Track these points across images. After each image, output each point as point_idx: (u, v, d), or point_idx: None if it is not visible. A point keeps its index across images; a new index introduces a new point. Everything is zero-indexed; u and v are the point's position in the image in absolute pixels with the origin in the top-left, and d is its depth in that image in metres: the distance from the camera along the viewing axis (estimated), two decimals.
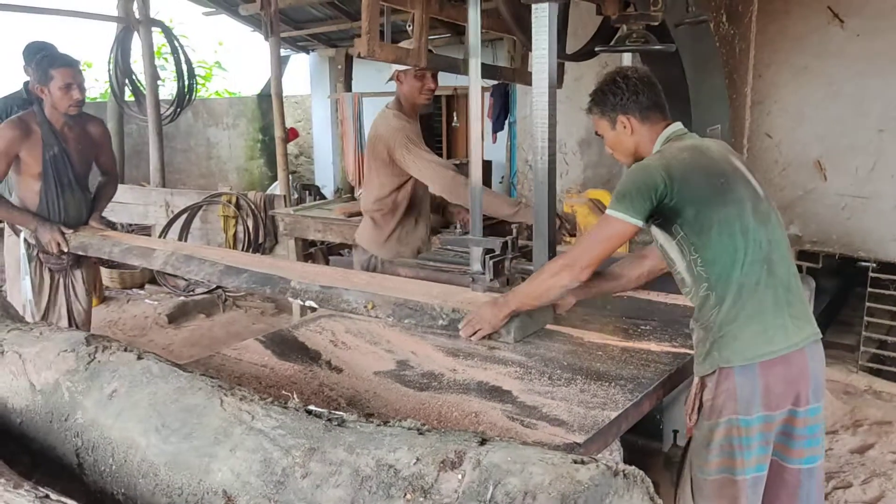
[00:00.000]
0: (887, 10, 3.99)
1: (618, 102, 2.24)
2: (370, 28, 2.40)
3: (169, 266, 3.17)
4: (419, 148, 3.33)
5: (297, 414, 1.29)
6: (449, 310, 2.45)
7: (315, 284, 2.70)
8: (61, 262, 3.64)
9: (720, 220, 2.06)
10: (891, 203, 4.15)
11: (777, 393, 2.06)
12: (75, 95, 3.43)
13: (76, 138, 3.60)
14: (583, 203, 3.17)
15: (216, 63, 14.94)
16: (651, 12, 2.79)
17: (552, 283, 2.23)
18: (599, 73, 4.87)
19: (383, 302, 2.55)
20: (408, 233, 3.53)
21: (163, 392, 1.41)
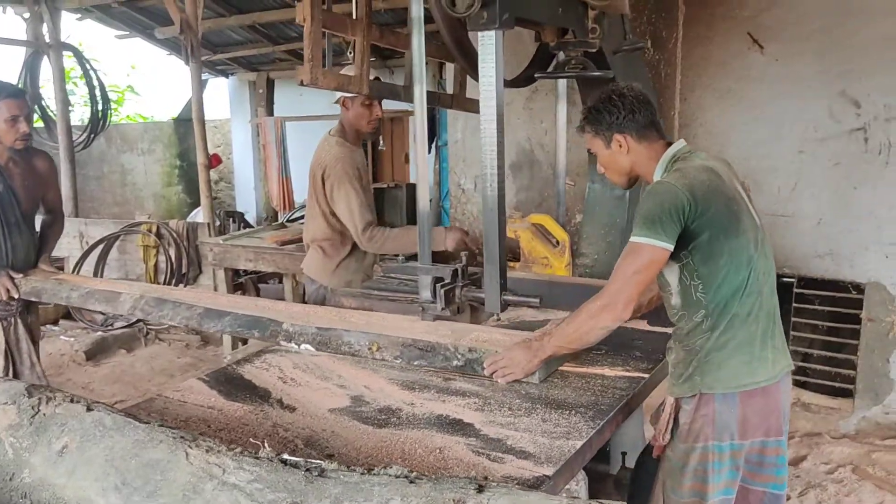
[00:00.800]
0: (804, 36, 4.18)
1: (613, 121, 2.20)
2: (313, 55, 2.34)
3: (138, 311, 2.95)
4: (350, 186, 3.29)
5: (272, 464, 1.21)
6: (465, 349, 2.31)
7: (311, 326, 2.55)
8: (10, 308, 3.36)
9: (730, 249, 2.04)
10: (812, 221, 4.33)
11: (752, 423, 2.08)
12: (22, 129, 3.21)
13: (22, 174, 3.36)
14: (526, 228, 3.17)
15: (128, 87, 14.51)
16: (589, 40, 2.83)
17: (592, 324, 2.13)
18: (529, 97, 4.99)
19: (389, 343, 2.42)
20: (357, 261, 3.48)
21: (120, 446, 1.31)
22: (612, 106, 2.20)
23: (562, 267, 3.15)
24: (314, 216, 3.47)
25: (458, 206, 5.52)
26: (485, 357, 2.27)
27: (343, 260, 3.45)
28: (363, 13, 2.65)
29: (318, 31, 2.37)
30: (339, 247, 3.43)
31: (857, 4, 4.05)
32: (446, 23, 2.64)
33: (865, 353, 4.32)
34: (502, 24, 2.26)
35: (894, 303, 4.18)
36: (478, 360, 2.28)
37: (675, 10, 4.48)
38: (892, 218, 4.12)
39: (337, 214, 3.37)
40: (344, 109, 3.39)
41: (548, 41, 2.87)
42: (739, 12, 4.37)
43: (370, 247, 3.34)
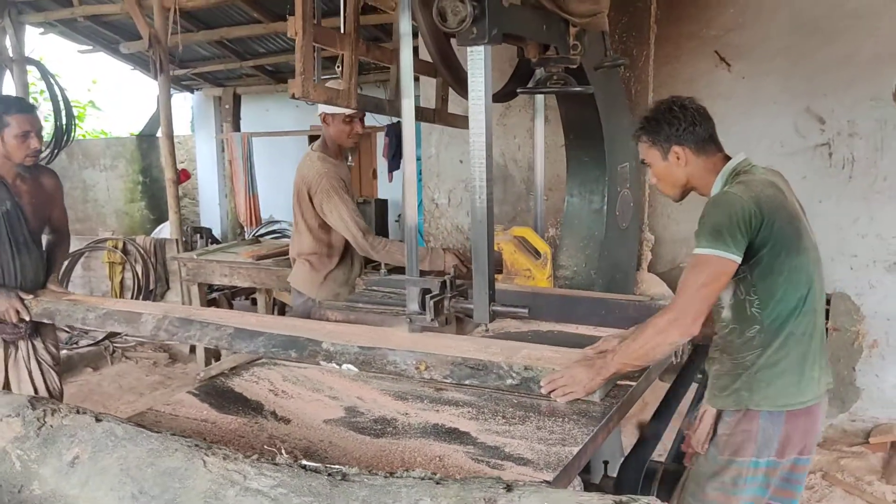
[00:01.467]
0: (770, 55, 4.32)
1: (673, 133, 2.16)
2: (304, 69, 2.36)
3: (162, 332, 2.79)
4: (339, 198, 3.35)
5: (293, 470, 1.22)
6: (520, 368, 2.22)
7: (352, 346, 2.44)
8: (18, 330, 3.20)
9: (791, 267, 2.02)
10: None
11: (793, 442, 2.07)
12: (33, 145, 3.09)
13: (30, 192, 3.23)
14: (508, 240, 3.21)
15: (90, 102, 14.32)
16: (570, 56, 2.90)
17: (660, 340, 2.04)
18: (503, 113, 5.05)
19: (438, 362, 2.33)
20: (345, 273, 3.51)
21: (134, 455, 1.30)
22: (672, 117, 2.17)
23: (544, 278, 3.19)
24: (300, 231, 3.51)
25: (432, 220, 5.55)
26: (541, 375, 2.18)
27: (330, 272, 3.50)
28: (351, 28, 2.68)
29: (310, 46, 2.39)
30: (326, 260, 3.48)
31: (820, 25, 4.20)
32: (433, 38, 2.69)
33: (832, 362, 4.43)
34: (491, 39, 2.30)
35: (859, 312, 4.31)
36: (534, 378, 2.19)
37: (646, 30, 4.60)
38: (855, 230, 4.25)
39: (330, 226, 3.44)
40: (325, 126, 3.45)
41: (530, 57, 2.92)
42: (707, 32, 4.50)
43: (372, 253, 3.38)
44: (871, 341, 4.32)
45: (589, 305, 2.92)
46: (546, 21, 2.75)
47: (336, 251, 3.47)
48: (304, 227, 3.46)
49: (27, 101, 3.18)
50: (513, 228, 3.34)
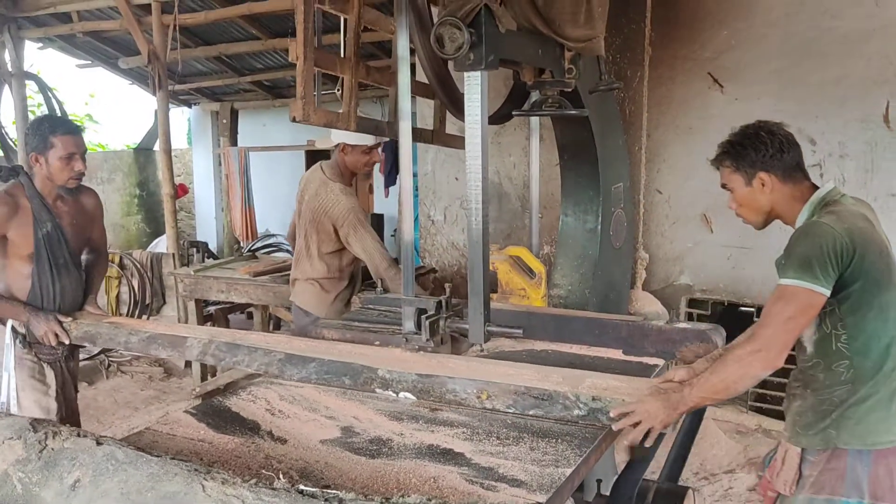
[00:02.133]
0: (762, 77, 4.37)
1: (759, 159, 2.10)
2: (305, 93, 2.40)
3: (209, 356, 2.72)
4: (365, 230, 3.51)
5: (290, 495, 1.25)
6: (587, 398, 2.14)
7: (410, 374, 2.37)
8: (55, 353, 3.13)
9: (882, 303, 1.96)
10: (771, 253, 4.42)
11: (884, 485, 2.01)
12: (77, 167, 3.02)
13: (70, 212, 3.16)
14: (503, 260, 3.25)
15: (87, 115, 14.36)
16: (566, 80, 2.94)
17: (742, 373, 1.95)
18: (498, 132, 5.10)
19: (500, 391, 2.24)
20: (350, 294, 3.60)
21: (134, 479, 1.32)
22: (759, 143, 2.11)
23: (538, 298, 3.22)
24: (311, 257, 3.62)
25: (428, 237, 5.59)
26: (610, 406, 2.09)
27: (340, 293, 3.61)
28: (351, 52, 2.72)
29: (311, 69, 2.43)
30: (337, 282, 3.65)
31: (812, 48, 4.26)
32: (430, 62, 2.72)
33: None
34: (488, 65, 2.35)
35: None
36: (602, 409, 2.12)
37: (640, 51, 4.65)
38: None
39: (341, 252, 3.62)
40: (342, 154, 3.54)
41: (526, 80, 2.96)
42: (701, 54, 4.55)
43: (392, 286, 3.45)
44: None
45: (583, 325, 2.95)
46: (542, 46, 2.79)
47: (346, 274, 3.65)
48: (316, 253, 3.59)
49: (73, 123, 3.11)
50: (508, 248, 3.37)
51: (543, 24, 2.76)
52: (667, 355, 2.78)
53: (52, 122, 3.11)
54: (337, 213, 3.49)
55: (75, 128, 3.11)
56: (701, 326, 2.78)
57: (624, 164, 3.88)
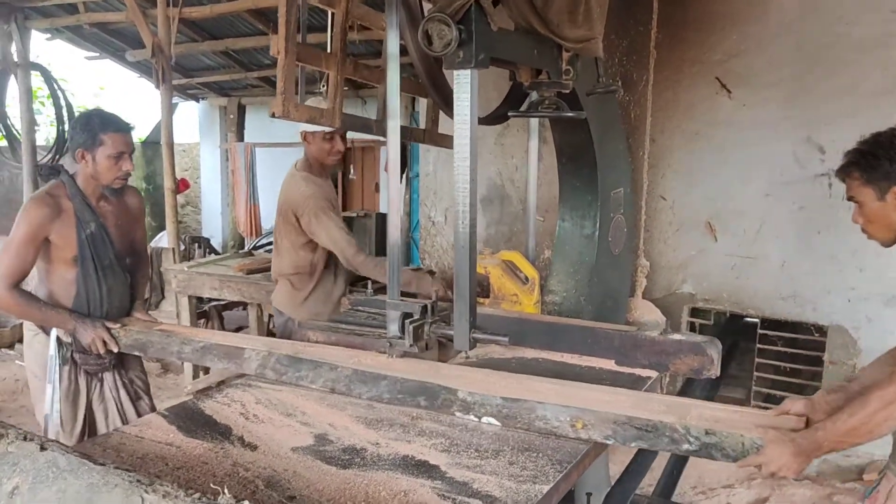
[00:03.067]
0: (771, 83, 4.27)
1: (894, 170, 1.95)
2: (285, 88, 2.32)
3: (269, 370, 2.56)
4: (328, 217, 3.34)
5: None
6: (699, 432, 1.97)
7: (494, 397, 2.22)
8: (102, 361, 2.99)
9: None
10: (776, 263, 4.39)
11: None
12: (125, 167, 2.89)
13: (115, 212, 3.02)
14: (496, 264, 3.16)
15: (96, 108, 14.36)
16: (563, 81, 2.86)
17: (886, 414, 1.79)
18: (501, 133, 5.02)
19: (598, 420, 2.08)
20: (326, 293, 3.49)
21: (73, 489, 1.25)
22: (894, 153, 1.96)
23: (531, 304, 3.14)
24: (282, 251, 3.49)
25: (428, 238, 5.51)
26: (726, 442, 1.93)
27: (311, 292, 3.47)
28: (337, 48, 2.65)
29: (292, 65, 2.36)
30: (307, 279, 3.46)
31: (825, 54, 4.15)
32: (421, 60, 2.65)
33: None
34: (478, 63, 2.26)
35: (856, 346, 4.24)
36: (717, 445, 1.94)
37: (646, 54, 4.56)
38: (854, 262, 4.19)
39: (312, 246, 3.43)
40: (307, 144, 3.43)
41: (522, 80, 2.88)
42: (709, 57, 4.45)
43: (362, 270, 3.35)
44: None
45: (575, 334, 2.86)
46: (538, 46, 2.71)
47: (317, 270, 3.46)
48: (285, 247, 3.45)
49: (124, 121, 2.93)
50: (501, 252, 3.29)
51: (541, 24, 2.68)
52: (660, 367, 2.70)
53: (103, 119, 2.91)
54: (297, 200, 3.35)
55: (126, 126, 2.94)
56: (696, 338, 2.68)
57: (625, 169, 3.79)
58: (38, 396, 3.06)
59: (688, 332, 4.63)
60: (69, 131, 2.96)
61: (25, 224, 2.80)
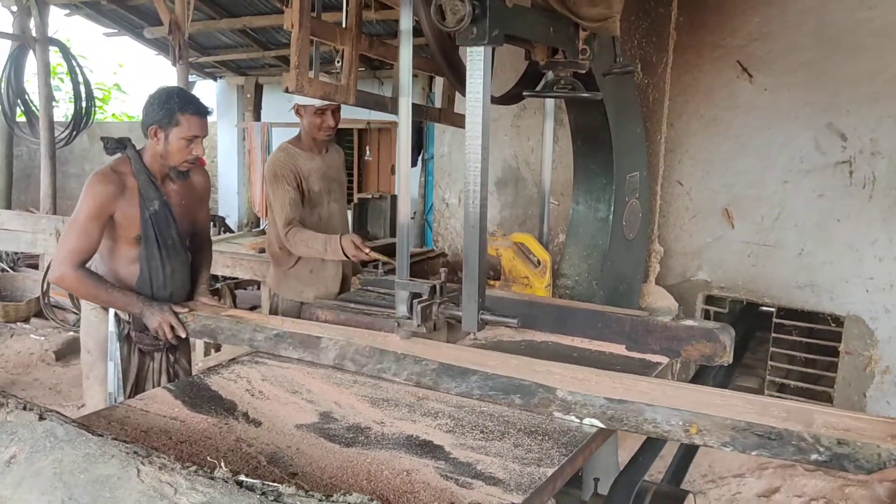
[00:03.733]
0: (793, 68, 4.19)
1: None
2: (300, 63, 2.30)
3: (348, 361, 2.45)
4: (277, 185, 3.30)
5: (227, 486, 1.16)
6: (830, 441, 1.83)
7: (598, 397, 2.08)
8: (157, 343, 2.90)
9: None
10: (794, 251, 4.32)
11: None
12: (196, 151, 2.80)
13: (179, 191, 2.93)
14: (508, 246, 3.14)
15: (115, 85, 14.42)
16: (579, 61, 2.81)
17: None
18: (517, 115, 4.97)
19: (714, 426, 1.95)
20: (312, 272, 3.42)
21: (69, 459, 1.24)
22: None
23: (542, 287, 3.11)
24: (269, 225, 3.51)
25: (442, 220, 5.48)
26: (860, 453, 1.81)
27: (291, 268, 3.44)
28: (353, 23, 2.61)
29: (306, 39, 2.33)
30: (288, 254, 3.42)
31: (847, 39, 4.07)
32: (435, 37, 2.61)
33: (842, 386, 4.31)
34: (491, 40, 2.23)
35: (873, 337, 4.17)
36: (850, 456, 1.81)
37: (665, 36, 4.49)
38: (873, 252, 4.12)
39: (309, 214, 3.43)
40: (299, 117, 3.42)
41: (538, 59, 2.84)
42: (730, 41, 4.38)
43: (289, 247, 3.30)
44: (884, 367, 4.18)
45: (585, 317, 2.83)
46: (554, 24, 2.66)
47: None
48: (270, 221, 3.46)
49: (203, 104, 2.82)
50: (513, 234, 3.26)
51: (557, 2, 2.63)
52: (671, 353, 2.67)
53: (183, 98, 2.81)
54: (266, 167, 3.35)
55: (205, 109, 2.83)
56: (708, 325, 2.65)
57: (641, 153, 3.73)
58: (86, 372, 3.01)
59: (702, 319, 4.59)
60: (144, 106, 2.83)
61: (90, 201, 2.71)
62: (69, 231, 2.75)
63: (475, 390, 2.22)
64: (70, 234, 2.74)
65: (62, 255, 2.75)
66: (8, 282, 7.07)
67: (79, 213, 2.73)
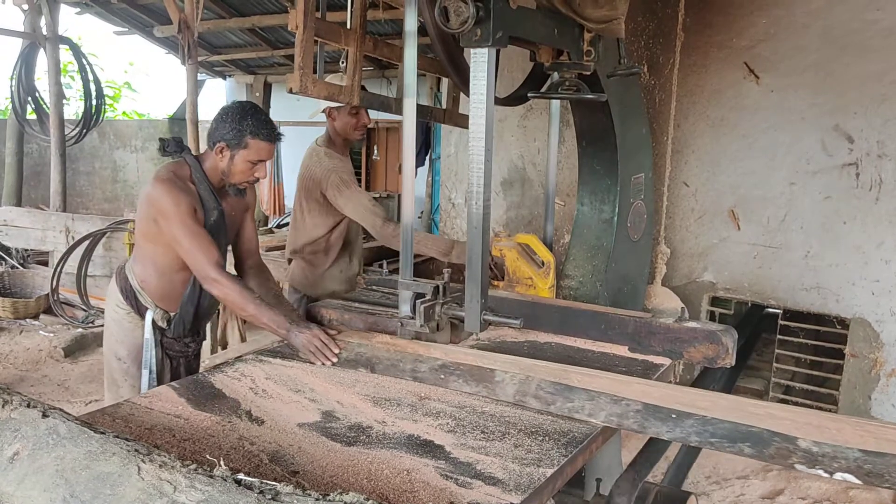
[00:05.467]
0: (800, 69, 4.18)
1: None
2: (304, 64, 2.31)
3: (530, 398, 2.21)
4: (351, 189, 3.34)
5: (226, 484, 1.17)
6: None
7: (851, 449, 1.80)
8: (186, 350, 2.91)
9: None
10: (800, 253, 4.31)
11: None
12: (258, 174, 2.75)
13: (232, 201, 2.88)
14: (512, 247, 3.14)
15: (126, 83, 14.50)
16: (584, 62, 2.82)
17: None
18: (524, 115, 4.97)
19: None
20: (342, 271, 3.51)
21: (71, 457, 1.26)
22: None
23: (545, 288, 3.12)
24: (300, 227, 3.50)
25: (448, 220, 5.50)
26: None
27: (327, 270, 3.49)
28: (357, 24, 2.63)
29: (311, 40, 2.34)
30: (324, 256, 3.48)
31: (854, 41, 4.05)
32: (440, 38, 2.63)
33: (847, 388, 4.31)
34: (495, 42, 2.24)
35: (878, 339, 4.16)
36: None
37: (672, 37, 4.49)
38: (879, 255, 4.11)
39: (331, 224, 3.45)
40: (330, 120, 3.43)
41: (542, 61, 2.84)
42: (737, 42, 4.37)
43: (393, 241, 3.26)
44: (890, 370, 4.17)
45: (589, 318, 2.84)
46: (559, 26, 2.67)
47: (334, 249, 3.48)
48: (304, 224, 3.46)
49: (277, 129, 2.74)
50: (517, 235, 3.26)
51: (562, 3, 2.64)
52: (674, 355, 2.67)
53: (257, 122, 2.70)
54: (320, 174, 3.33)
55: (278, 135, 2.75)
56: (711, 327, 2.65)
57: (647, 154, 3.73)
58: (119, 379, 2.92)
59: (707, 321, 4.59)
60: (216, 117, 2.75)
61: (174, 202, 2.62)
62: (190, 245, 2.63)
63: (692, 436, 1.96)
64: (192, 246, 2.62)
65: (199, 266, 2.64)
66: (17, 278, 7.13)
67: (170, 220, 2.63)
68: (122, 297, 2.87)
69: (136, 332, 2.85)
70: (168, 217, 2.62)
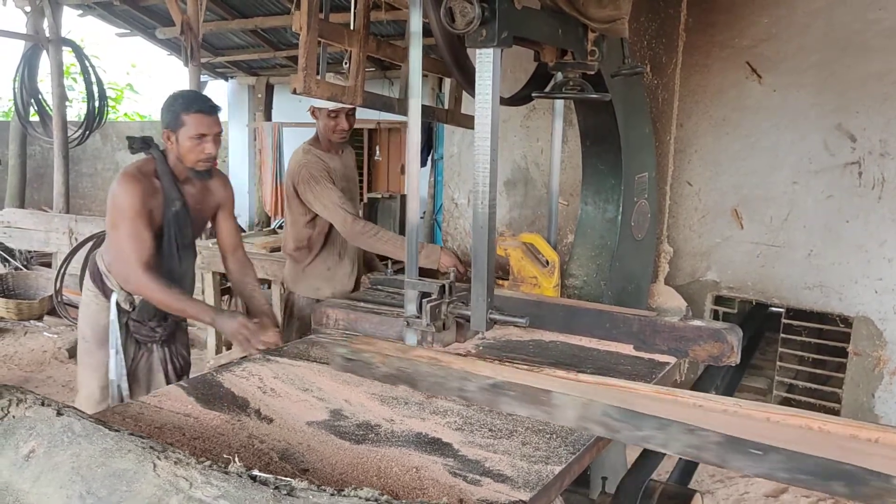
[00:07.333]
0: (803, 69, 4.19)
1: None
2: (307, 65, 2.32)
3: (594, 424, 2.01)
4: (321, 185, 3.35)
5: (241, 480, 1.19)
6: None
7: None
8: (153, 334, 3.02)
9: None
10: (803, 252, 4.32)
11: None
12: (207, 150, 2.83)
13: (195, 194, 2.99)
14: (516, 246, 3.16)
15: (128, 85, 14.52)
16: (588, 62, 2.83)
17: None
18: (527, 115, 4.98)
19: None
20: (329, 269, 3.52)
21: (87, 454, 1.28)
22: None
23: (550, 287, 3.13)
24: (288, 225, 3.58)
25: (451, 220, 5.51)
26: None
27: (308, 265, 3.52)
28: (360, 25, 2.64)
29: (314, 41, 2.36)
30: (307, 252, 3.55)
31: (856, 40, 4.06)
32: (445, 38, 2.63)
33: (850, 387, 4.32)
34: (501, 42, 2.25)
35: (881, 338, 4.17)
36: None
37: (675, 37, 4.50)
38: (882, 253, 4.12)
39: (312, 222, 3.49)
40: (315, 119, 3.48)
41: (546, 61, 2.85)
42: (739, 42, 4.38)
43: (361, 239, 3.34)
44: (893, 368, 4.18)
45: (594, 317, 2.85)
46: (563, 26, 2.68)
47: (316, 245, 3.54)
48: (290, 221, 3.55)
49: (210, 101, 2.85)
50: (522, 234, 3.28)
51: (566, 3, 2.64)
52: (679, 353, 2.69)
53: (187, 99, 2.86)
54: (294, 169, 3.39)
55: (211, 107, 2.85)
56: (716, 325, 2.66)
57: (650, 154, 3.75)
58: (82, 359, 3.11)
59: (710, 319, 4.60)
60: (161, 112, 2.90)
61: (129, 200, 2.75)
62: (118, 235, 2.78)
63: (779, 472, 1.76)
64: (123, 240, 2.77)
65: (123, 259, 2.79)
66: (21, 280, 7.14)
67: (121, 216, 2.77)
68: (90, 281, 3.03)
69: (102, 314, 2.99)
70: (120, 211, 2.77)
